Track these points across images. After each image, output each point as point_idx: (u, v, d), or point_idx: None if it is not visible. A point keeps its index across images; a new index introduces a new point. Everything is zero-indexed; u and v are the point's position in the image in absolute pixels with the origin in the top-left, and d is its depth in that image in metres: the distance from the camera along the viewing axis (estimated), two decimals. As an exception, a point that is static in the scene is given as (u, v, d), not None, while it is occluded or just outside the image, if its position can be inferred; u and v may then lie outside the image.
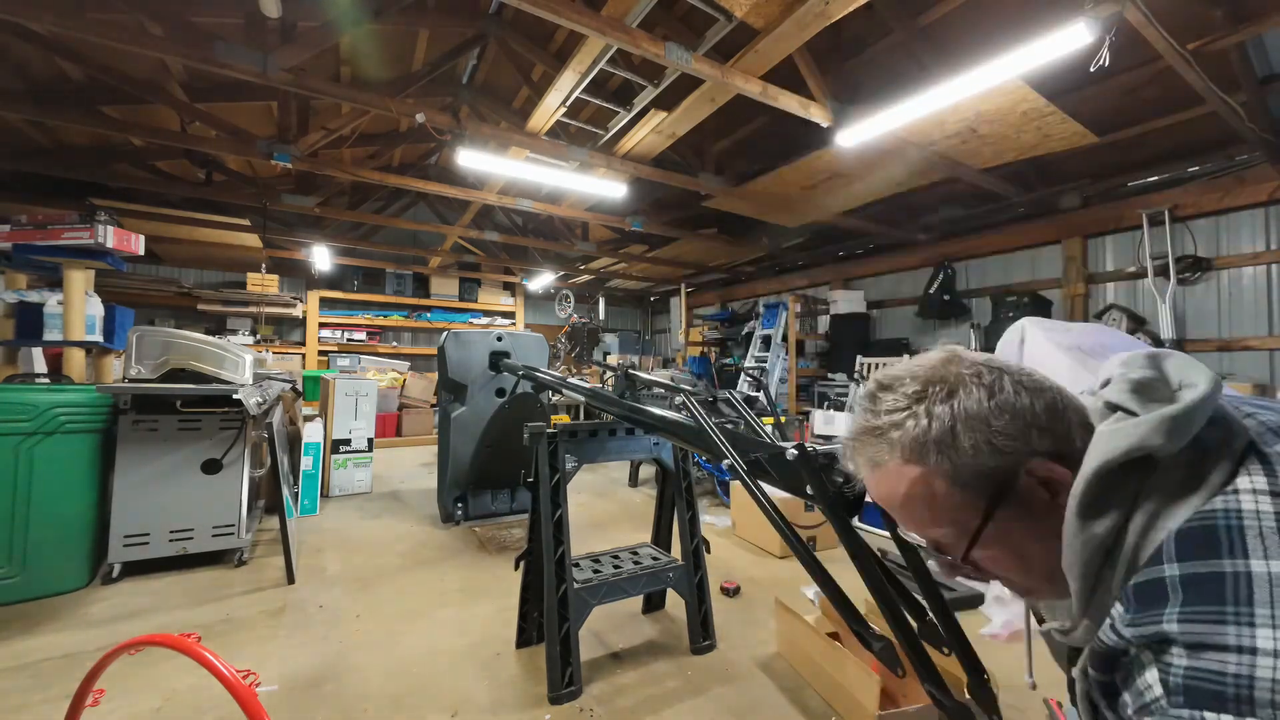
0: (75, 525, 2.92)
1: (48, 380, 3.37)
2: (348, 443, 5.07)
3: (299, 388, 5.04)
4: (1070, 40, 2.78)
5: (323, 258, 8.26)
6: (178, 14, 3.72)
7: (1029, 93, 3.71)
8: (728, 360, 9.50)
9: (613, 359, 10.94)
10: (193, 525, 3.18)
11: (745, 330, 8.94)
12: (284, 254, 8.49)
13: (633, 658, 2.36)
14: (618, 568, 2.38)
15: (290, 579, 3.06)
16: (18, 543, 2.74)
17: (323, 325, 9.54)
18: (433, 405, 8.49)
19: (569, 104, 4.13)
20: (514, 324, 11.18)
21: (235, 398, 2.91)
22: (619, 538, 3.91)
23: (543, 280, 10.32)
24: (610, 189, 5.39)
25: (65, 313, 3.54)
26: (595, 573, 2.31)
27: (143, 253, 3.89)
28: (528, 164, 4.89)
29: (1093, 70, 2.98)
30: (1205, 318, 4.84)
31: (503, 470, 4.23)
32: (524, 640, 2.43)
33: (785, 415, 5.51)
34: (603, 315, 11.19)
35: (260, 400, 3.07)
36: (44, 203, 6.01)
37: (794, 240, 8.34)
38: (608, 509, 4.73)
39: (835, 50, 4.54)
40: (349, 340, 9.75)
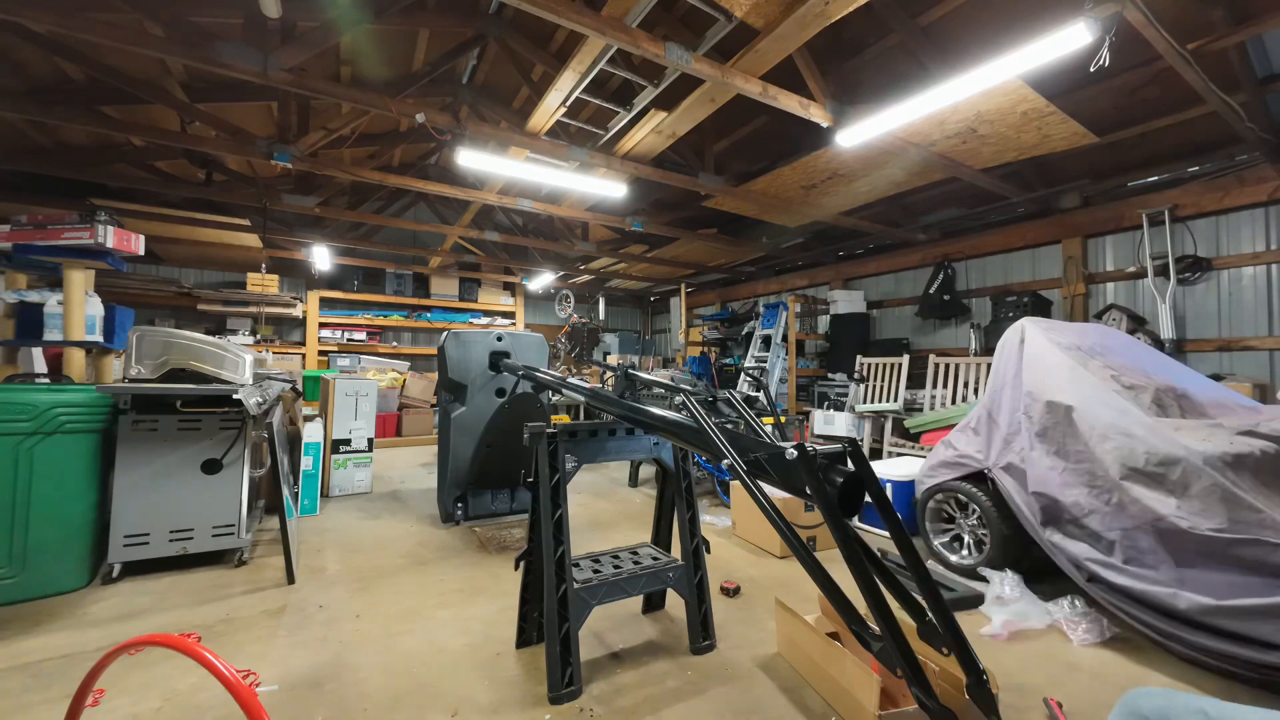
0: (75, 525, 2.92)
1: (48, 380, 3.36)
2: (348, 443, 5.07)
3: (299, 388, 5.04)
4: (1070, 40, 2.79)
5: (323, 258, 8.27)
6: (178, 14, 3.73)
7: (1029, 93, 3.71)
8: (728, 360, 9.50)
9: (613, 359, 10.95)
10: (193, 525, 3.18)
11: (745, 330, 8.94)
12: (284, 254, 8.50)
13: (633, 658, 2.36)
14: (618, 568, 2.38)
15: (290, 579, 3.06)
16: (18, 543, 2.74)
17: (323, 325, 9.54)
18: (433, 405, 8.49)
19: (569, 104, 4.13)
20: (514, 324, 11.17)
21: (235, 398, 2.91)
22: (619, 538, 3.91)
23: (543, 280, 10.32)
24: (610, 189, 5.40)
25: (65, 313, 3.54)
26: (595, 573, 2.31)
27: (143, 253, 3.89)
28: (528, 164, 4.90)
29: (1093, 70, 2.98)
30: (1205, 318, 4.85)
31: (503, 470, 4.23)
32: (524, 640, 2.43)
33: (785, 415, 5.51)
34: (603, 315, 11.19)
35: (260, 400, 3.07)
36: (44, 203, 6.02)
37: (794, 240, 8.34)
38: (608, 509, 4.73)
39: (835, 50, 4.54)
40: (349, 340, 9.75)
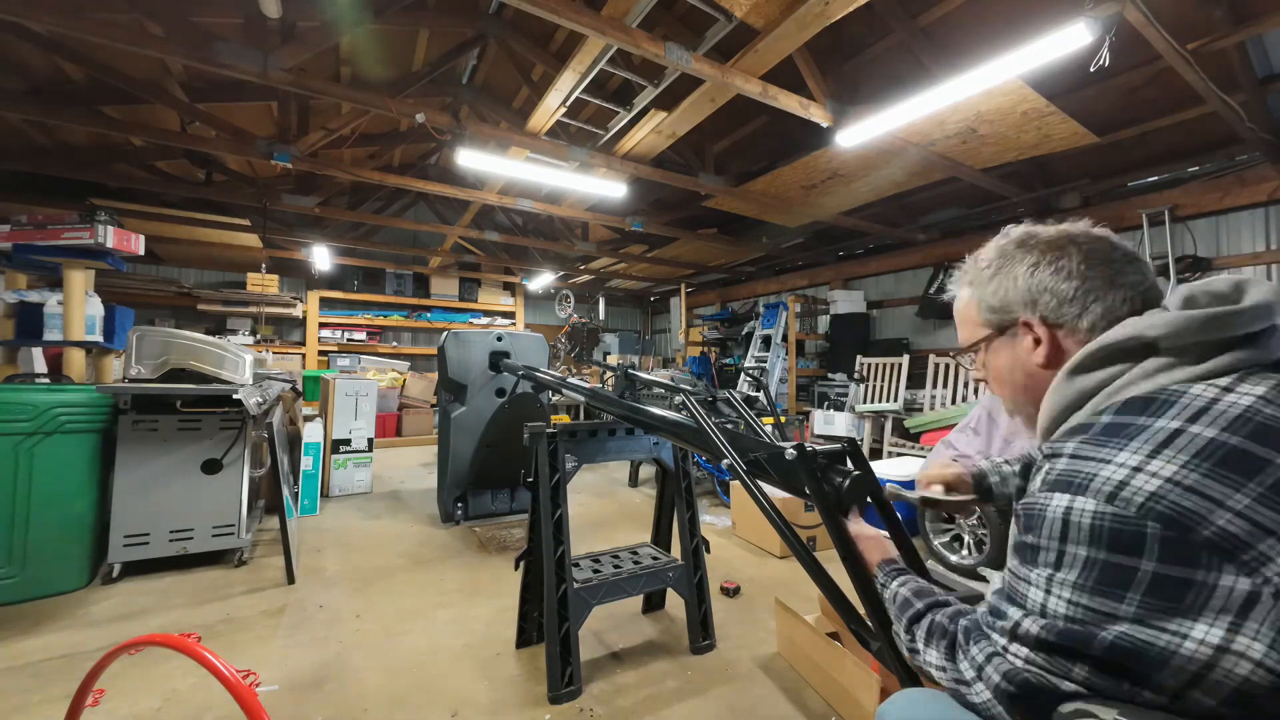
0: (75, 525, 2.92)
1: (48, 380, 3.36)
2: (348, 443, 5.07)
3: (299, 388, 5.04)
4: (1070, 40, 2.79)
5: (323, 258, 8.26)
6: (178, 14, 3.73)
7: (1029, 93, 3.71)
8: (728, 360, 9.50)
9: (613, 359, 10.95)
10: (193, 525, 3.17)
11: (745, 330, 8.94)
12: (284, 254, 8.49)
13: (633, 657, 2.36)
14: (618, 568, 2.38)
15: (290, 579, 3.06)
16: (18, 543, 2.73)
17: (323, 325, 9.54)
18: (433, 405, 8.48)
19: (569, 104, 4.13)
20: (514, 324, 11.17)
21: (235, 398, 2.91)
22: (619, 538, 3.91)
23: (543, 280, 10.32)
24: (610, 189, 5.39)
25: (65, 313, 3.53)
26: (595, 573, 2.31)
27: (143, 253, 3.89)
28: (528, 164, 4.89)
29: (1093, 70, 2.98)
30: (1205, 318, 4.84)
31: (503, 470, 4.23)
32: (524, 640, 2.43)
33: (785, 415, 5.51)
34: (603, 315, 11.18)
35: (260, 400, 3.07)
36: (44, 203, 6.02)
37: (794, 240, 8.33)
38: (608, 509, 4.73)
39: (835, 50, 4.54)
40: (349, 340, 9.75)
